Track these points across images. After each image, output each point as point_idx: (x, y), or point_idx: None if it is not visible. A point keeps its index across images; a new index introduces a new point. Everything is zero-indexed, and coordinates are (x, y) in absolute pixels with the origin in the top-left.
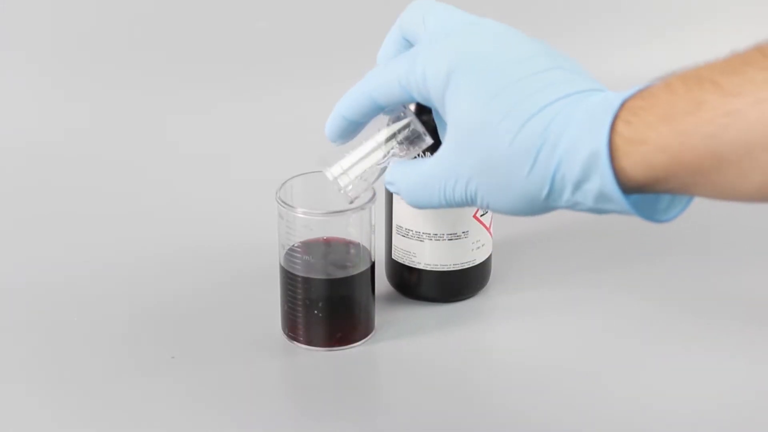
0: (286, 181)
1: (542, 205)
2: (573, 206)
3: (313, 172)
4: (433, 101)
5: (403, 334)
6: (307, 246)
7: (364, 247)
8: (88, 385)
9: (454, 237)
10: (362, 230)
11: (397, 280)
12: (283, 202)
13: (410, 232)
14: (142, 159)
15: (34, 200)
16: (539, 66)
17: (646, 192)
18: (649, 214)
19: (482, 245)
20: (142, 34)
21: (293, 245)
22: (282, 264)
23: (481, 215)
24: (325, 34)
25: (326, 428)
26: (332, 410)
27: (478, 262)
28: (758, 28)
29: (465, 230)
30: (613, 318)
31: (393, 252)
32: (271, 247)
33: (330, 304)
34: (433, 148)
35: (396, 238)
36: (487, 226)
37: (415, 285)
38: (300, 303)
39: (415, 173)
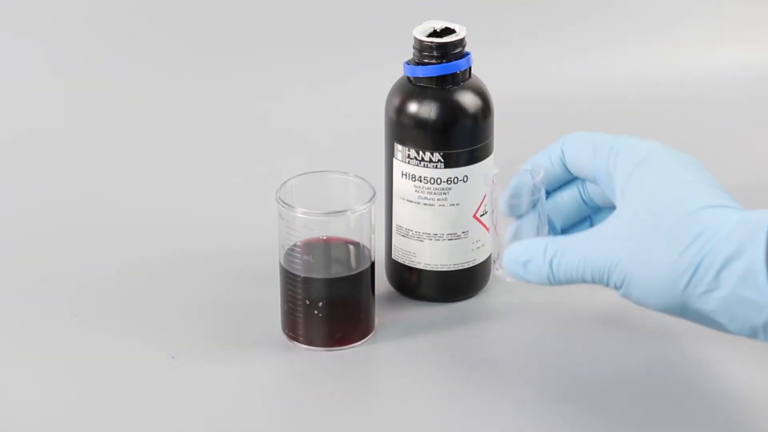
0: (286, 181)
1: (687, 312)
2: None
3: (313, 172)
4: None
5: (403, 334)
6: (307, 246)
7: (364, 246)
8: (88, 385)
9: (454, 237)
10: (362, 230)
11: (397, 280)
12: (283, 202)
13: (410, 232)
14: (141, 158)
15: (33, 200)
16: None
17: None
18: None
19: (482, 245)
20: (141, 33)
21: (293, 245)
22: (282, 264)
23: (481, 215)
24: (326, 34)
25: (326, 428)
26: (332, 410)
27: (478, 262)
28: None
29: (465, 230)
30: (613, 317)
31: (393, 252)
32: (271, 247)
33: (330, 304)
34: None
35: (396, 238)
36: (488, 226)
37: (415, 285)
38: (300, 303)
39: (564, 256)
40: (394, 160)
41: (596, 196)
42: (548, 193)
